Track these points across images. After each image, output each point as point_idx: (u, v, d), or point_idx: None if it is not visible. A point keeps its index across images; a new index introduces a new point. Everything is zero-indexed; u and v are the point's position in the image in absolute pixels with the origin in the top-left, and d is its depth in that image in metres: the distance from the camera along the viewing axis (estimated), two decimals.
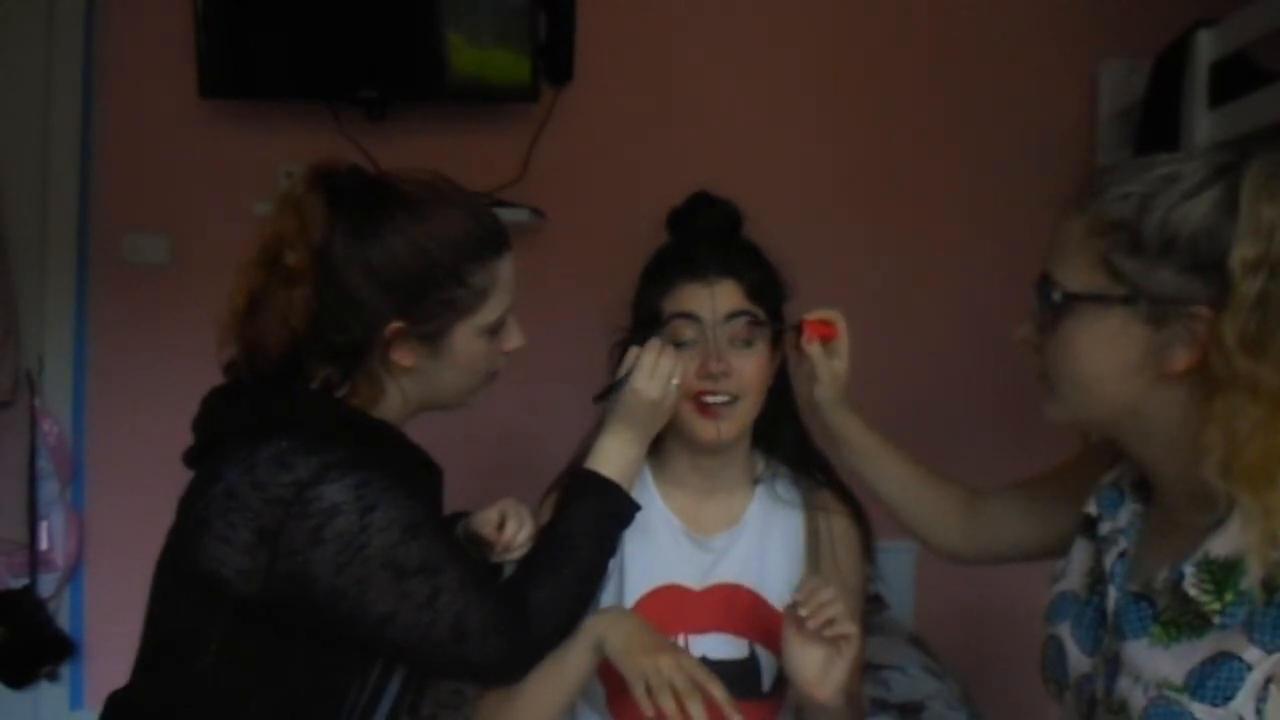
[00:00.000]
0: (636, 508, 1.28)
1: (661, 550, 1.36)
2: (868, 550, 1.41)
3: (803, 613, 1.14)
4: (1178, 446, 0.95)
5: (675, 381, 1.27)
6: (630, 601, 1.34)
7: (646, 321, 1.34)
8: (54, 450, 2.62)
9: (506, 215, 2.46)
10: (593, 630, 1.21)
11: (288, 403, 1.15)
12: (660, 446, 1.39)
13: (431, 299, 1.15)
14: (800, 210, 2.55)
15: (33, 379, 2.61)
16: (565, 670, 1.22)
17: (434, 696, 1.97)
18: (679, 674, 1.14)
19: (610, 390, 1.28)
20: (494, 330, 1.21)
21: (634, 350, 1.29)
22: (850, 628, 1.15)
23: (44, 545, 2.62)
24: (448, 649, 1.13)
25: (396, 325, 1.14)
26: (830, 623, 1.14)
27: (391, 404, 1.20)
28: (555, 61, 2.51)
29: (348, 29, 2.48)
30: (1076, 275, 0.96)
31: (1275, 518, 0.88)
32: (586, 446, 1.34)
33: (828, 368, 1.34)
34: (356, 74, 2.49)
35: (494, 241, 1.21)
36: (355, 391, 1.18)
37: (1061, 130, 2.52)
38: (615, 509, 1.27)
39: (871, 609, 2.41)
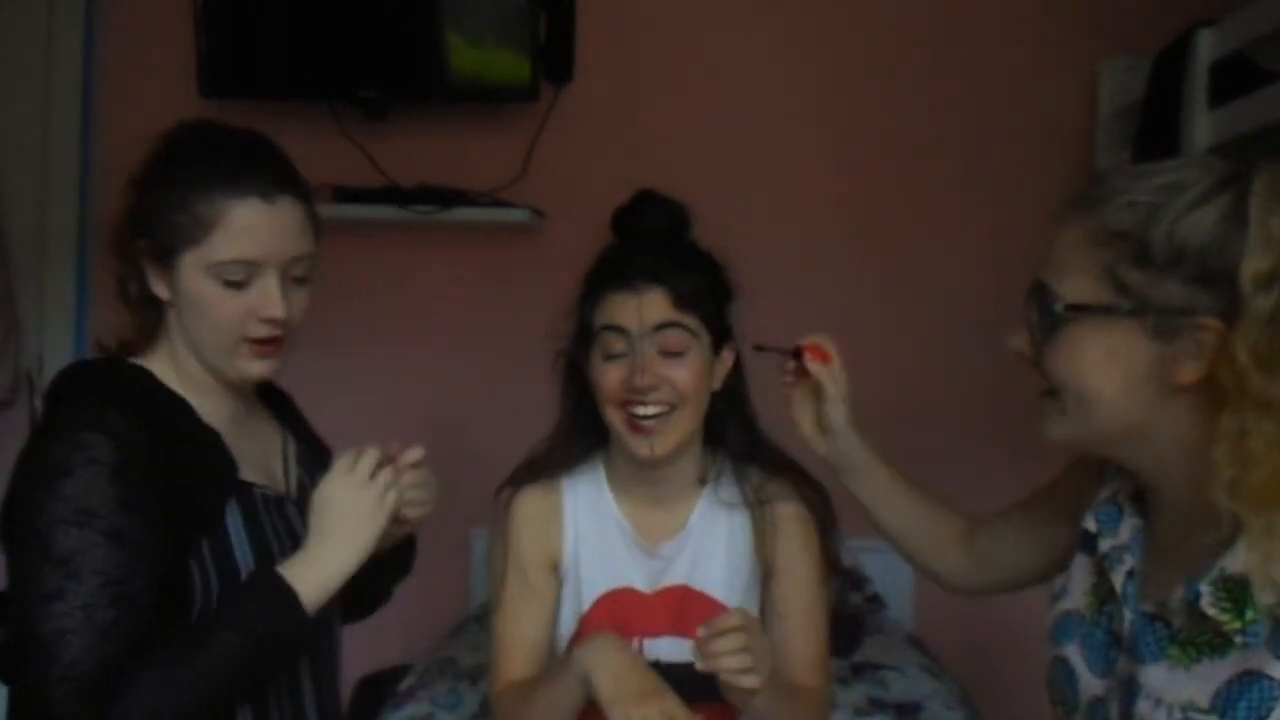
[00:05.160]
0: (311, 631, 1.13)
1: (614, 554, 1.36)
2: (825, 530, 1.37)
3: (698, 666, 1.14)
4: (1183, 462, 0.93)
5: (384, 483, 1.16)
6: (586, 604, 1.35)
7: (580, 334, 1.33)
8: None
9: (506, 215, 2.49)
10: (581, 664, 1.21)
11: (74, 369, 1.21)
12: (610, 452, 1.39)
13: (161, 217, 1.14)
14: (798, 209, 2.56)
15: (33, 379, 2.61)
16: (561, 700, 1.24)
17: (430, 695, 1.98)
18: None
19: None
20: (229, 280, 1.13)
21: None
22: (751, 681, 1.14)
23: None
24: (36, 660, 1.03)
25: (140, 243, 1.16)
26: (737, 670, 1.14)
27: (163, 355, 1.21)
28: (555, 61, 2.51)
29: (348, 29, 2.49)
30: (1078, 286, 0.94)
31: (1278, 539, 0.85)
32: (546, 443, 1.36)
33: (837, 385, 1.28)
34: (356, 74, 2.50)
35: (231, 180, 1.13)
36: (141, 332, 1.21)
37: (1061, 130, 2.52)
38: (281, 627, 1.09)
39: (871, 609, 2.41)
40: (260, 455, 1.26)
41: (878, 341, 2.54)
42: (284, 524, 1.22)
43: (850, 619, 2.28)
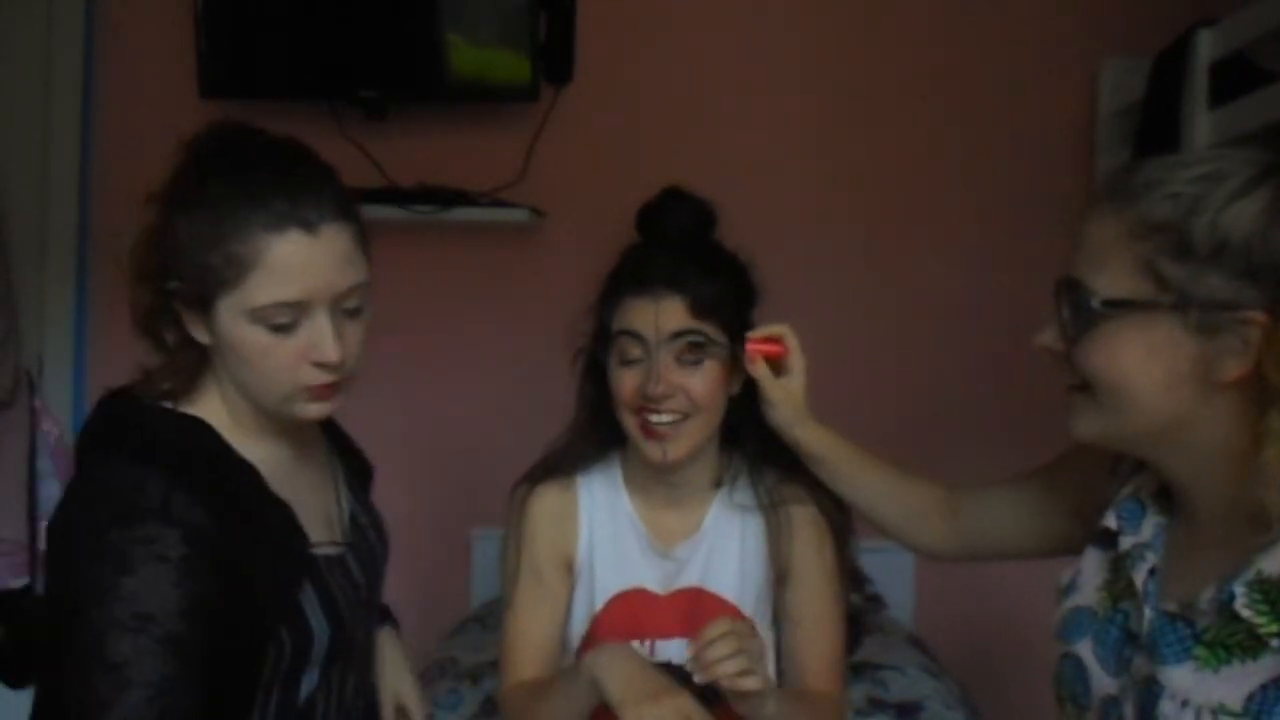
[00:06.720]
0: None
1: (628, 555, 1.36)
2: (840, 534, 1.37)
3: (697, 679, 1.14)
4: (1223, 461, 0.90)
5: None
6: (599, 604, 1.35)
7: (599, 336, 1.33)
8: (54, 450, 2.62)
9: (506, 215, 2.49)
10: (590, 669, 1.21)
11: (126, 415, 1.08)
12: (627, 452, 1.39)
13: (190, 258, 1.02)
14: (799, 210, 2.56)
15: (33, 379, 2.61)
16: (572, 704, 1.23)
17: (430, 695, 1.98)
18: None
19: None
20: (274, 324, 1.02)
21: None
22: (753, 683, 1.13)
23: (44, 545, 2.61)
24: None
25: (170, 284, 1.04)
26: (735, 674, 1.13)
27: (213, 399, 1.09)
28: (555, 61, 2.51)
29: (348, 29, 2.48)
30: (1115, 281, 0.90)
31: None
32: (562, 441, 1.35)
33: (778, 389, 1.28)
34: (356, 74, 2.49)
35: (267, 210, 1.00)
36: (181, 374, 1.08)
37: (1061, 130, 2.52)
38: None
39: (871, 609, 2.41)
40: (319, 504, 1.17)
41: (878, 339, 2.54)
42: (347, 579, 1.16)
43: (850, 619, 2.27)
